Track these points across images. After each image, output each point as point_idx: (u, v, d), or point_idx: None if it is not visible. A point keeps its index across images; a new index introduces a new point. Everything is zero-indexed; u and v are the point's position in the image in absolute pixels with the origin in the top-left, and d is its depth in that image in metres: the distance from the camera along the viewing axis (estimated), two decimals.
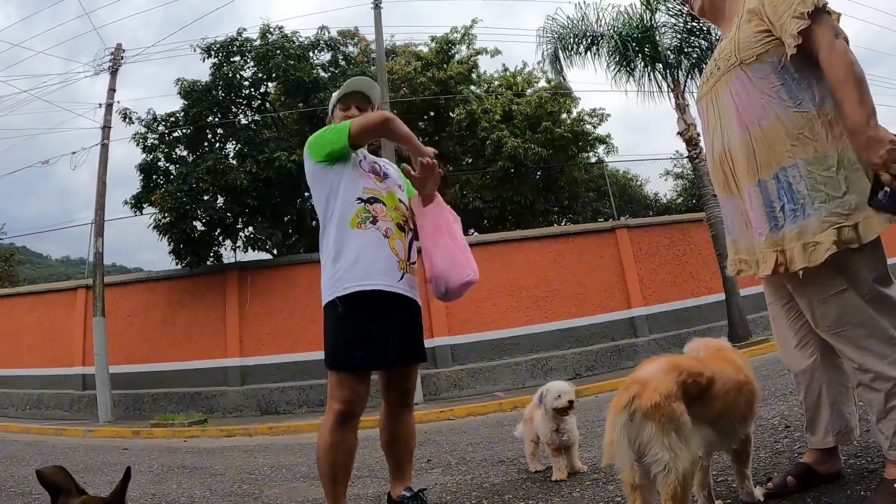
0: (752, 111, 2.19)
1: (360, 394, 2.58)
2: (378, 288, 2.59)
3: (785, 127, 2.11)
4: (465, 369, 11.35)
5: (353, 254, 2.62)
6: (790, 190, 2.09)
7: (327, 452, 2.55)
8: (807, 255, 2.04)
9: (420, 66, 16.48)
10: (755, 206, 2.21)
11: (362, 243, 2.64)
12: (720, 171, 2.39)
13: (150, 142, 12.92)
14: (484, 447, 5.21)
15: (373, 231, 2.67)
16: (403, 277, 2.70)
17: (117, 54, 13.99)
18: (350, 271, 2.60)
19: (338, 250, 2.66)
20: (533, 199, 15.67)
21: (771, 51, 2.15)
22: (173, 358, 12.38)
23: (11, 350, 13.77)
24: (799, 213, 2.07)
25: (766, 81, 2.16)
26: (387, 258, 2.66)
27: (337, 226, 2.70)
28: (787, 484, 2.31)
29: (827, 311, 2.10)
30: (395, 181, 2.96)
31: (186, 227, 11.89)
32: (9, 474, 5.44)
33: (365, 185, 2.75)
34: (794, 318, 2.38)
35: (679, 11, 11.80)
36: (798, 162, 2.08)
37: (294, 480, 4.60)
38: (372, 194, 2.75)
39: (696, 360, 2.11)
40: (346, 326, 2.59)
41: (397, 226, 2.76)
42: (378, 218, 2.70)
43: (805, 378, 2.37)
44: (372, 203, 2.72)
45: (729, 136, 2.30)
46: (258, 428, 8.94)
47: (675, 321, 12.34)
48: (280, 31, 13.60)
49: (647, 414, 1.76)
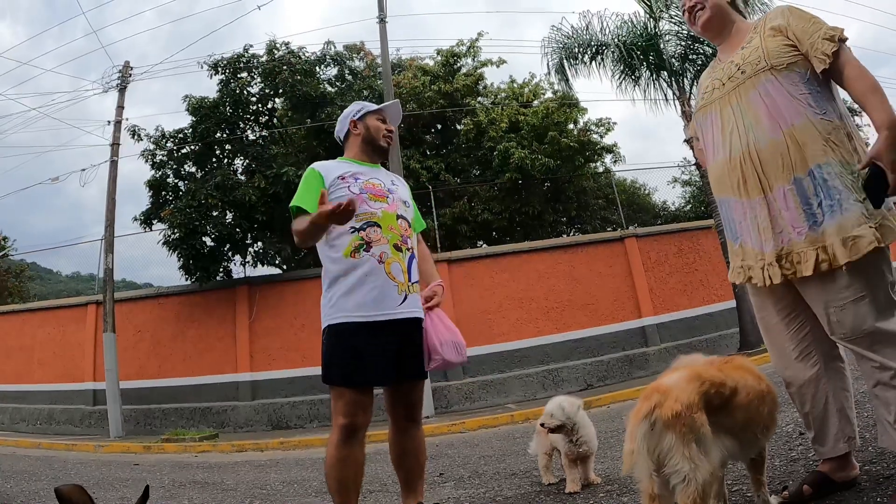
0: (784, 111, 2.25)
1: (362, 405, 2.59)
2: (370, 320, 2.61)
3: (816, 129, 2.19)
4: (476, 382, 11.30)
5: (347, 283, 2.66)
6: (826, 186, 2.15)
7: (334, 468, 2.56)
8: (847, 249, 2.07)
9: (427, 80, 16.54)
10: (792, 204, 2.22)
11: (357, 273, 2.65)
12: (738, 171, 2.37)
13: (158, 158, 13.03)
14: (496, 460, 5.17)
15: (366, 258, 2.65)
16: (406, 300, 2.71)
17: (125, 72, 14.12)
18: (344, 300, 2.65)
19: (332, 278, 2.72)
20: (541, 209, 15.64)
21: (799, 63, 2.26)
22: (184, 373, 12.39)
23: (22, 365, 13.82)
24: (836, 208, 2.12)
25: (796, 88, 2.25)
26: (382, 286, 2.65)
27: (332, 256, 2.74)
28: (803, 492, 2.29)
29: (844, 317, 2.11)
30: (399, 197, 2.90)
31: (196, 242, 11.94)
32: (20, 489, 5.45)
33: (358, 212, 2.64)
34: (795, 329, 2.38)
35: (683, 20, 11.79)
36: (831, 160, 2.16)
37: (306, 496, 4.58)
38: (366, 219, 2.70)
39: (719, 369, 2.08)
40: (338, 345, 2.65)
41: (394, 247, 2.72)
42: (372, 244, 2.67)
43: (810, 389, 2.35)
44: (365, 229, 2.69)
45: (756, 135, 2.30)
46: (269, 443, 8.91)
47: (686, 330, 12.26)
48: (286, 47, 13.72)
49: (668, 424, 1.73)
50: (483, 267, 12.20)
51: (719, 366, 2.12)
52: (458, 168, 16.40)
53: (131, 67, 14.29)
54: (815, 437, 2.37)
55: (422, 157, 15.96)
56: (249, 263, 13.48)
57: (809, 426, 2.39)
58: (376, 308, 2.62)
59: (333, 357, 2.66)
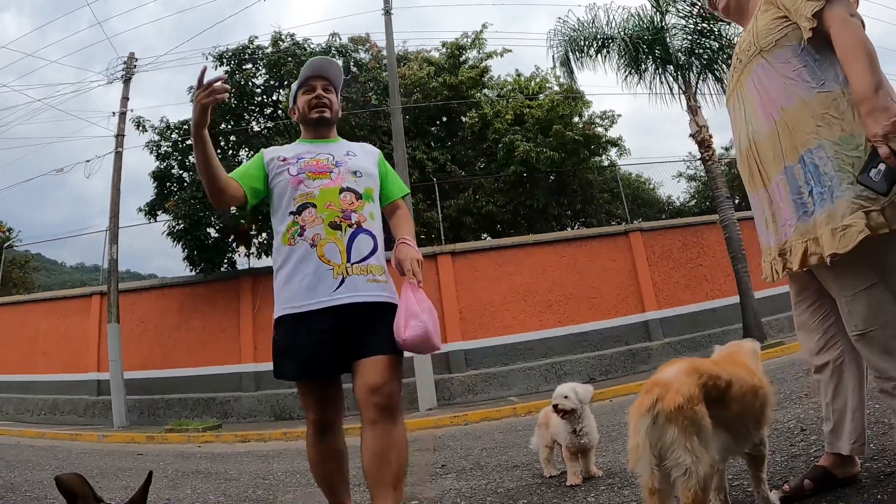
0: (775, 96, 2.15)
1: (326, 399, 2.52)
2: (300, 311, 2.42)
3: (809, 108, 2.06)
4: (478, 374, 11.32)
5: (284, 273, 2.51)
6: (817, 172, 2.02)
7: (316, 465, 2.56)
8: (836, 240, 1.94)
9: (432, 71, 16.51)
10: (784, 195, 2.15)
11: (292, 260, 2.48)
12: (746, 165, 2.35)
13: (163, 149, 13.03)
14: (498, 452, 5.18)
15: (300, 243, 2.46)
16: (343, 283, 2.42)
17: (130, 63, 14.13)
18: (282, 291, 2.52)
19: (275, 269, 2.59)
20: (546, 202, 15.62)
21: (789, 35, 2.13)
22: (187, 364, 12.45)
23: (27, 356, 13.92)
24: (826, 196, 1.99)
25: (788, 65, 2.14)
26: (314, 272, 2.42)
27: (275, 245, 2.61)
28: (803, 487, 2.27)
29: (855, 308, 2.02)
30: (348, 168, 2.64)
31: (200, 233, 11.99)
32: (24, 479, 5.48)
33: (295, 195, 2.52)
34: (820, 319, 2.32)
35: (689, 13, 11.76)
36: (824, 142, 2.01)
37: (308, 486, 4.59)
38: (303, 201, 2.51)
39: (714, 363, 2.08)
40: (279, 340, 2.51)
41: (329, 226, 2.46)
42: (306, 226, 2.47)
43: (832, 380, 2.30)
44: (301, 212, 2.49)
45: (754, 126, 2.26)
46: (272, 433, 8.95)
47: (689, 324, 12.25)
48: (291, 39, 13.70)
49: (670, 417, 1.72)
50: (487, 259, 12.19)
51: (714, 359, 2.12)
52: (464, 160, 16.38)
53: (136, 59, 14.30)
54: (833, 429, 2.31)
55: (427, 148, 15.94)
56: (254, 254, 13.55)
57: (829, 417, 2.33)
58: (309, 296, 2.41)
59: (278, 352, 2.52)
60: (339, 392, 2.57)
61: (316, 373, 2.46)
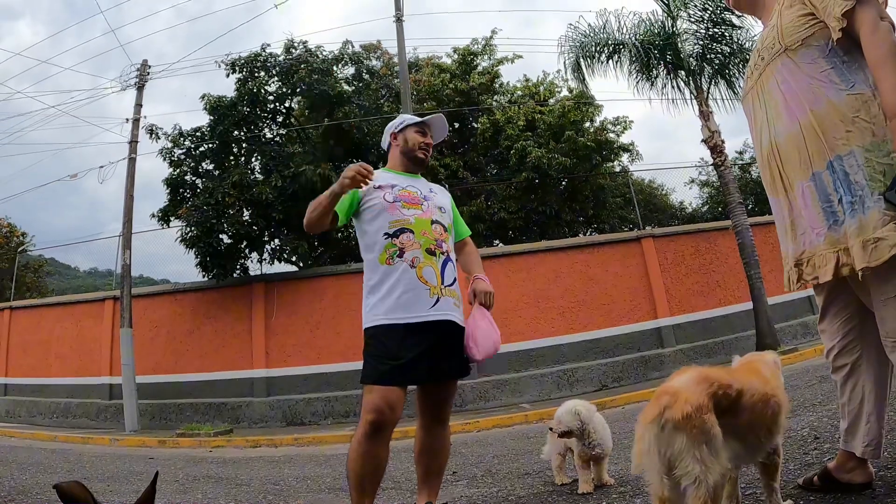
0: (802, 97, 2.08)
1: (391, 403, 2.59)
2: (402, 322, 2.68)
3: (839, 111, 1.98)
4: (490, 381, 11.29)
5: (383, 289, 2.75)
6: (847, 180, 1.95)
7: (355, 462, 2.59)
8: (867, 253, 1.89)
9: (447, 78, 16.54)
10: (810, 202, 2.08)
11: (391, 278, 2.74)
12: (767, 168, 2.29)
13: (176, 156, 13.11)
14: (510, 459, 5.17)
15: (399, 264, 2.75)
16: (438, 302, 2.75)
17: (143, 70, 14.25)
18: (380, 304, 2.74)
19: (371, 286, 2.81)
20: (558, 209, 15.59)
21: (817, 34, 2.06)
22: (199, 369, 12.51)
23: (40, 359, 14.07)
24: (858, 206, 1.92)
25: (815, 66, 2.06)
26: (414, 290, 2.72)
27: (370, 263, 2.85)
28: (813, 482, 2.31)
29: (887, 315, 1.96)
30: (435, 204, 2.98)
31: (213, 240, 12.06)
32: (35, 481, 5.51)
33: (391, 219, 2.81)
34: (841, 322, 2.30)
35: (700, 18, 11.73)
36: (854, 149, 1.94)
37: (319, 492, 4.60)
38: (399, 225, 2.80)
39: (726, 371, 2.06)
40: (372, 347, 2.73)
41: (426, 251, 2.79)
42: (405, 249, 2.76)
43: (849, 383, 2.28)
44: (398, 235, 2.79)
45: (776, 128, 2.19)
46: (284, 439, 8.97)
47: (702, 331, 12.16)
48: (304, 46, 13.74)
49: (679, 425, 1.71)
50: (499, 266, 12.15)
51: (728, 369, 2.10)
52: (475, 166, 16.39)
53: (149, 66, 14.43)
54: (848, 427, 2.29)
55: (439, 154, 15.96)
56: (266, 261, 13.60)
57: (844, 415, 2.32)
58: (408, 311, 2.70)
59: (368, 358, 2.73)
60: (402, 399, 2.69)
61: (401, 378, 2.66)
